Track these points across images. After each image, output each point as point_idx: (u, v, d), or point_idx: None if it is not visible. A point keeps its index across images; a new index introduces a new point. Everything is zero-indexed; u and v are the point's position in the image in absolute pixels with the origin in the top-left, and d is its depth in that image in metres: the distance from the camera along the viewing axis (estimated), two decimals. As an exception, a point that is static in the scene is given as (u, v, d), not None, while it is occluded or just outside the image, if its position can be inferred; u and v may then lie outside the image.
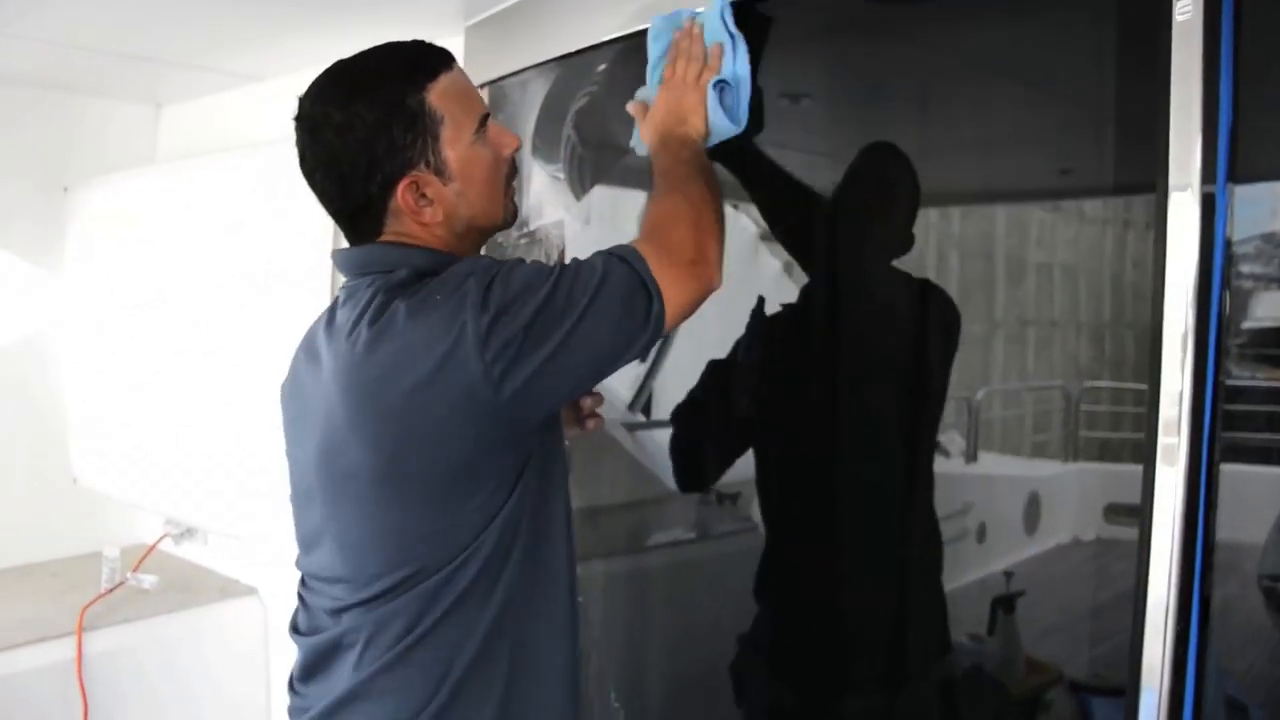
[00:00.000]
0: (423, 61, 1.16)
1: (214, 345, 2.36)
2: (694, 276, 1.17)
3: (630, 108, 1.46)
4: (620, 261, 1.13)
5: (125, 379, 2.64)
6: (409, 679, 1.15)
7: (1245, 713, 1.15)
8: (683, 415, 1.80)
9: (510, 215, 1.27)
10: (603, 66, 1.75)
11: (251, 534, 2.48)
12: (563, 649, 1.25)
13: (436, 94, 1.14)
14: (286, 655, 2.64)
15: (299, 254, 2.11)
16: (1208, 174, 0.99)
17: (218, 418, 2.36)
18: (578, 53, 1.73)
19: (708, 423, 1.77)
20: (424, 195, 1.16)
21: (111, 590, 2.55)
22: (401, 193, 1.15)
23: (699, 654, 1.77)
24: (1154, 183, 1.02)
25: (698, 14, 1.43)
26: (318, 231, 2.05)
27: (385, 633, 1.15)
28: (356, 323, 1.12)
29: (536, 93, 1.84)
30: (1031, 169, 1.38)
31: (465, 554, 1.13)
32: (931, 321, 1.47)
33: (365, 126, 1.12)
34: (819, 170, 1.75)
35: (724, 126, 1.39)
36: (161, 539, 2.82)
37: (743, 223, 2.14)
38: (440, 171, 1.16)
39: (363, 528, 1.17)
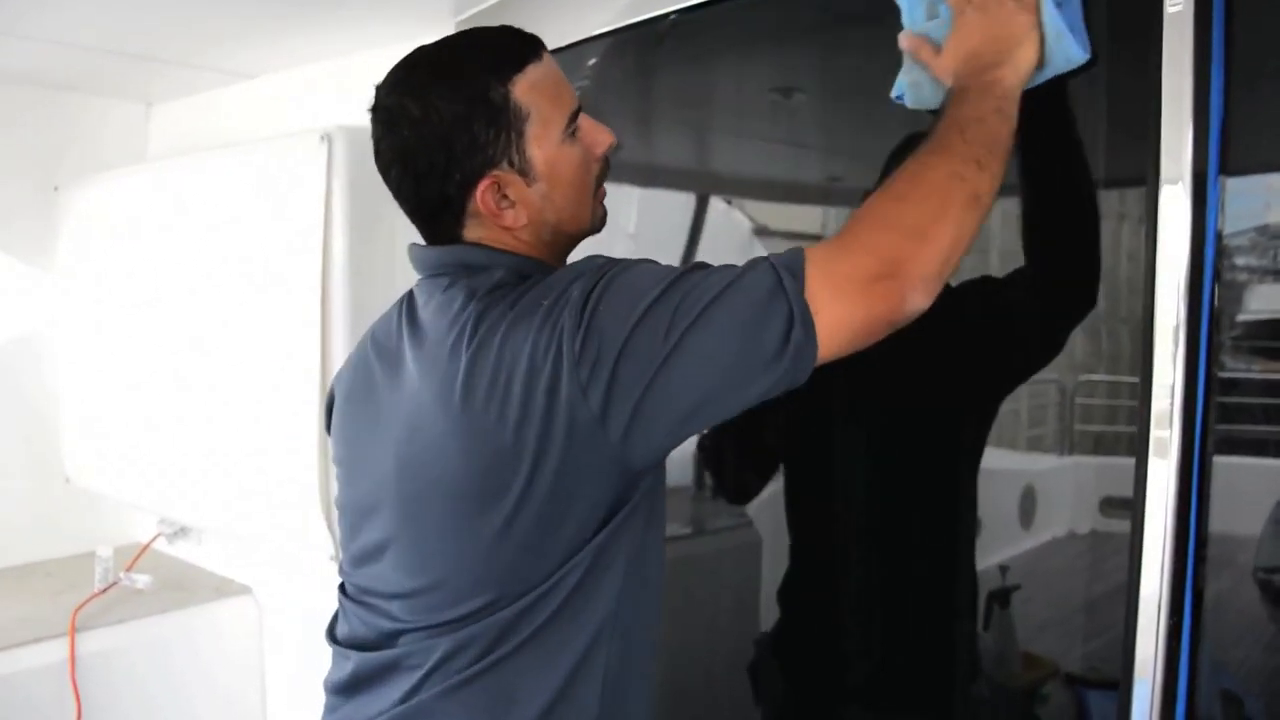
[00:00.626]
0: (510, 50, 1.06)
1: (207, 344, 2.35)
2: (870, 296, 0.93)
3: (905, 42, 1.17)
4: (767, 266, 0.94)
5: (118, 378, 2.63)
6: (476, 705, 1.05)
7: (1241, 705, 1.15)
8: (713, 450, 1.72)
9: (600, 220, 1.15)
10: (593, 61, 1.75)
11: (246, 533, 2.48)
12: (649, 666, 1.16)
13: (523, 87, 1.04)
14: (281, 655, 2.66)
15: (292, 252, 2.10)
16: (1199, 166, 1.00)
17: (211, 416, 2.35)
18: (567, 47, 1.72)
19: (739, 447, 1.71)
20: (506, 196, 1.06)
21: (105, 590, 2.54)
22: (482, 193, 1.05)
23: (695, 648, 1.77)
24: (1145, 175, 1.03)
25: None
26: (310, 229, 2.05)
27: (454, 659, 1.06)
28: (453, 329, 1.03)
29: (527, 88, 1.84)
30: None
31: (549, 583, 1.03)
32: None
33: (444, 121, 1.02)
34: (811, 166, 1.75)
35: (1070, 54, 1.06)
36: (155, 538, 2.81)
37: (737, 217, 2.14)
38: (525, 172, 1.06)
39: (441, 546, 1.07)
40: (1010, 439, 1.60)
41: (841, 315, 0.93)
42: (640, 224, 2.00)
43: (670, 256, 2.00)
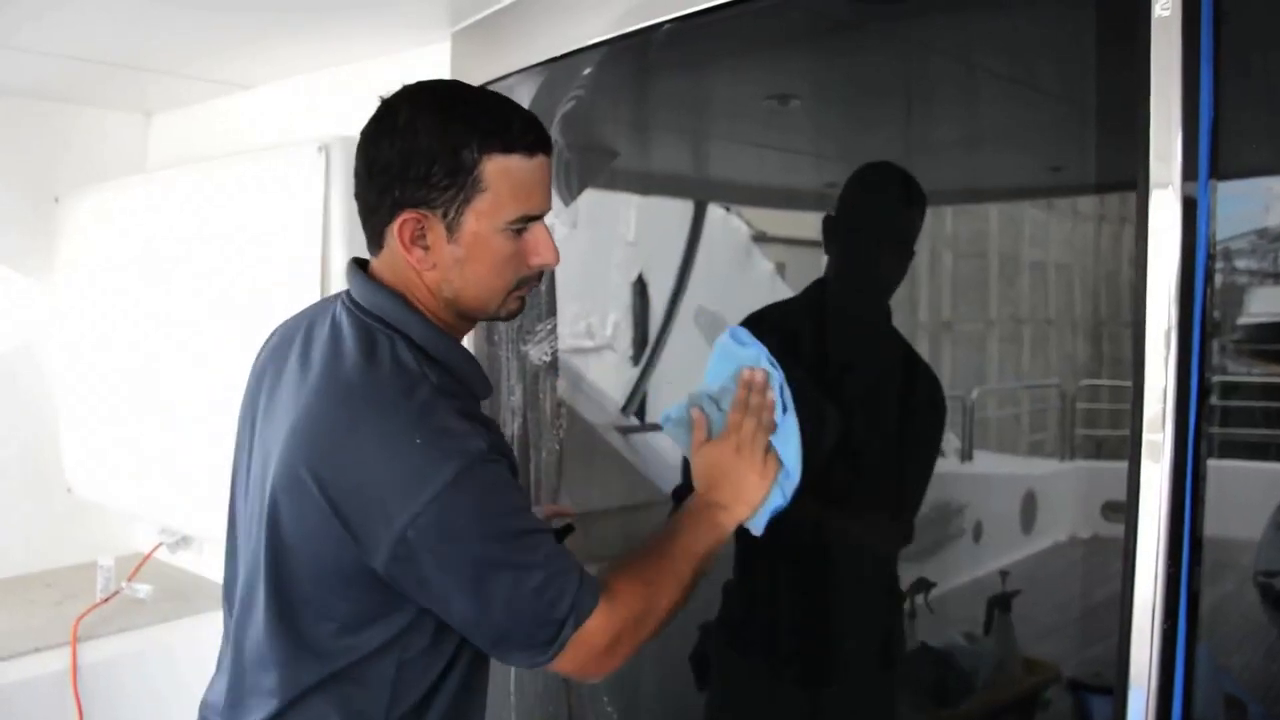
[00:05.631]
0: (508, 132, 1.11)
1: (206, 353, 2.36)
2: (603, 656, 1.12)
3: (693, 412, 1.35)
4: (574, 587, 1.09)
5: (118, 388, 2.63)
6: None
7: (1244, 710, 1.15)
8: None
9: (507, 314, 1.21)
10: (588, 70, 1.75)
11: (246, 542, 2.48)
12: None
13: (495, 166, 1.10)
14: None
15: (290, 262, 2.11)
16: (1189, 170, 0.99)
17: (211, 425, 2.35)
18: (563, 56, 1.73)
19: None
20: (423, 237, 1.12)
21: (106, 600, 2.55)
22: (402, 222, 1.11)
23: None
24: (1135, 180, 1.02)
25: (757, 355, 1.32)
26: (309, 239, 2.05)
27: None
28: (340, 376, 1.10)
29: (522, 97, 1.84)
30: (1016, 167, 1.38)
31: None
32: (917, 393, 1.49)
33: (415, 144, 1.09)
34: (806, 171, 1.75)
35: (773, 509, 1.30)
36: (156, 548, 2.81)
37: (734, 224, 2.14)
38: (451, 229, 1.11)
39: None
40: (1011, 444, 1.60)
41: (578, 656, 1.11)
42: (639, 231, 2.00)
43: (669, 263, 2.01)
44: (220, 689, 1.25)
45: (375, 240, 1.17)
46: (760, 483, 1.27)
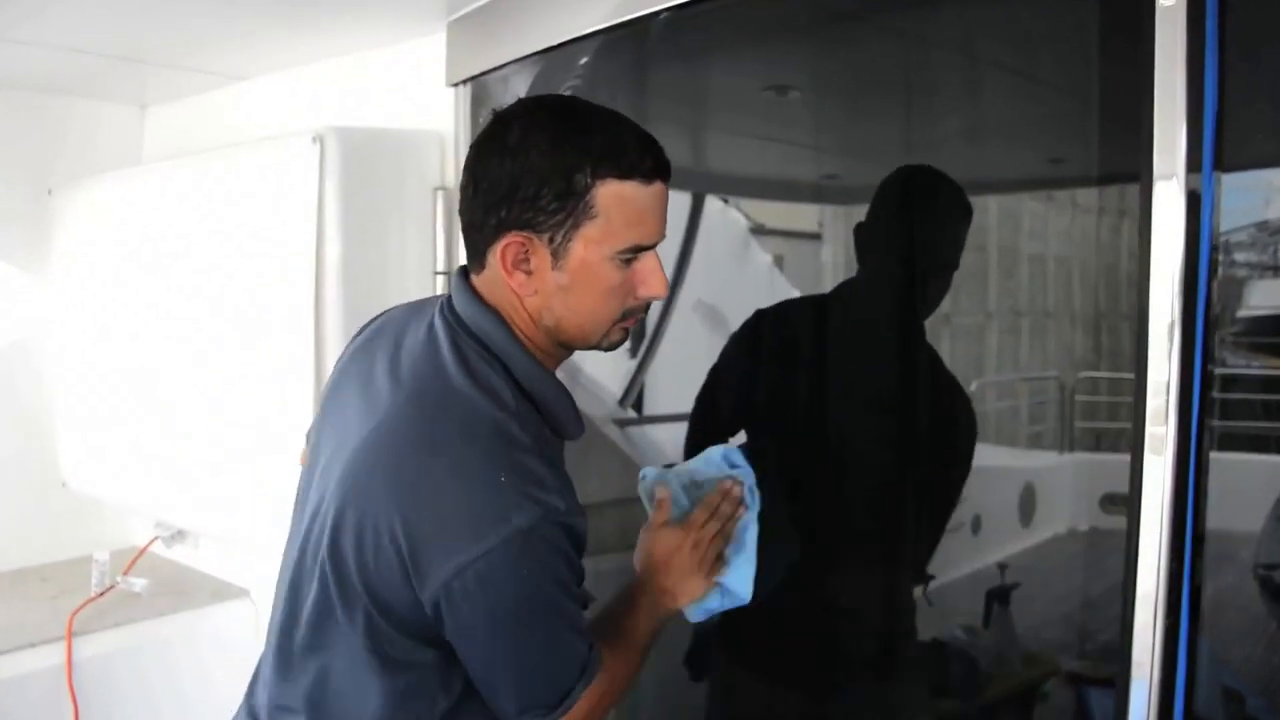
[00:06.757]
0: (621, 156, 1.04)
1: (202, 347, 2.35)
2: None
3: (660, 491, 1.27)
4: (585, 653, 1.08)
5: (113, 381, 2.62)
6: None
7: (1242, 702, 1.15)
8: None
9: (609, 345, 1.15)
10: (584, 60, 1.74)
11: (242, 536, 2.47)
12: None
13: (609, 192, 1.03)
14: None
15: (285, 253, 2.10)
16: (1193, 162, 0.99)
17: (207, 419, 2.34)
18: (559, 46, 1.72)
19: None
20: (526, 261, 1.06)
21: (102, 594, 2.53)
22: (506, 244, 1.05)
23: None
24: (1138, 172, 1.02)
25: (738, 473, 1.28)
26: (303, 230, 2.04)
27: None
28: (432, 397, 1.07)
29: (519, 87, 1.83)
30: (1017, 159, 1.37)
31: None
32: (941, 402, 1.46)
33: (527, 164, 1.03)
34: (805, 163, 1.74)
35: (709, 609, 1.28)
36: (152, 542, 2.80)
37: (733, 216, 2.14)
38: (557, 255, 1.05)
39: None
40: (1010, 436, 1.60)
41: None
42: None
43: (666, 255, 2.00)
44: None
45: (477, 258, 1.11)
46: (703, 583, 1.22)
